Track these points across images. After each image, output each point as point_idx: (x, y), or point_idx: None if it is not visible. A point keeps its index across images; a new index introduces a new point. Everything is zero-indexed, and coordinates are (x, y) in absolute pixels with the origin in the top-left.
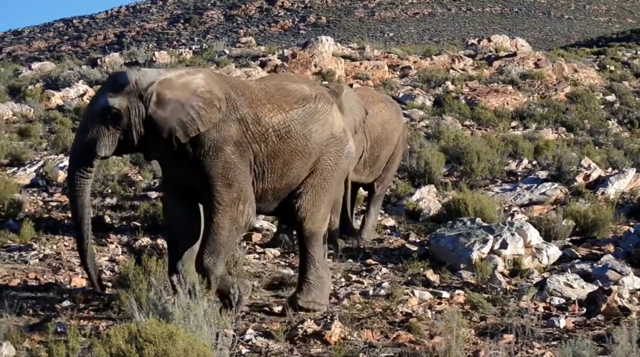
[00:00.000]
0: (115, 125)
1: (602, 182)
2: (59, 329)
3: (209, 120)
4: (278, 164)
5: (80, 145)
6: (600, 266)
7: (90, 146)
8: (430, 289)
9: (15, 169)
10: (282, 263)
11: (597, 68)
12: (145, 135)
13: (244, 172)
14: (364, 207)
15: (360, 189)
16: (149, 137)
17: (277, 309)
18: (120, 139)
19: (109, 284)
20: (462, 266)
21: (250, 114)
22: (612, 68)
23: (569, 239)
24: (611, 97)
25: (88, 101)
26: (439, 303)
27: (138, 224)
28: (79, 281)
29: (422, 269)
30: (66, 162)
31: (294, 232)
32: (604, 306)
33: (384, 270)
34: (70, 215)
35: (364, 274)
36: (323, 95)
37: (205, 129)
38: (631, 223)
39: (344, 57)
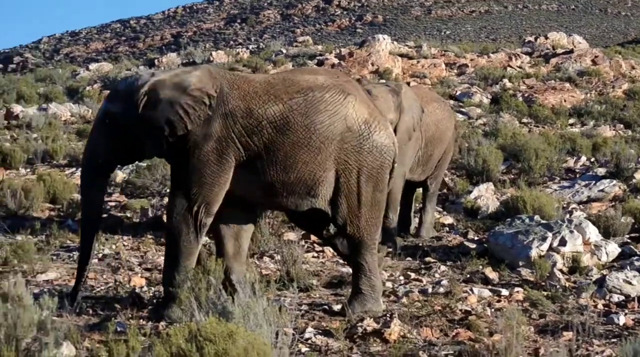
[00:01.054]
0: (114, 131)
1: None
2: (118, 329)
3: (198, 118)
4: (279, 156)
5: (87, 153)
6: None
7: (95, 153)
8: (489, 287)
9: (74, 169)
10: (341, 261)
11: None
12: (141, 138)
13: (216, 172)
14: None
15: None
16: (145, 138)
17: (337, 307)
18: (120, 144)
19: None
20: (520, 263)
21: (240, 107)
22: None
23: (627, 236)
24: None
25: None
26: (498, 301)
27: None
28: (139, 281)
29: (480, 267)
30: None
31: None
32: None
33: (443, 268)
34: (128, 215)
35: (423, 272)
36: (336, 86)
37: (193, 126)
38: None
39: (401, 55)
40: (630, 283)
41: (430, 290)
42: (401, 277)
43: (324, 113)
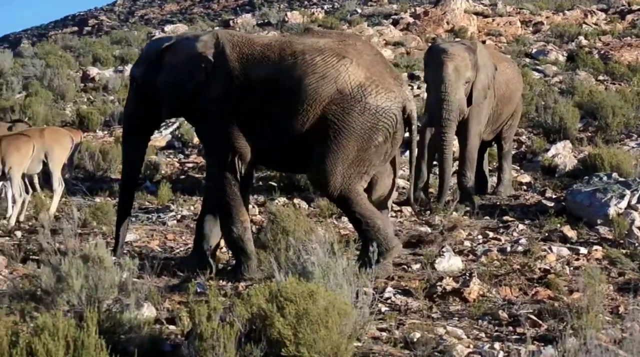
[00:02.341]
0: (138, 92)
1: None
2: (198, 290)
3: (195, 81)
4: (271, 118)
5: (124, 113)
6: None
7: (127, 113)
8: (568, 245)
9: None
10: (419, 221)
11: None
12: (157, 100)
13: (230, 129)
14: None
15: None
16: (160, 101)
17: (415, 266)
18: (143, 105)
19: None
20: (599, 221)
21: (237, 69)
22: None
23: None
24: None
25: None
26: (577, 259)
27: (274, 184)
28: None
29: (559, 225)
30: None
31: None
32: None
33: (521, 226)
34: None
35: (501, 230)
36: (332, 49)
37: (192, 90)
38: None
39: (476, 13)
40: None
41: (508, 249)
42: (479, 236)
43: (311, 76)
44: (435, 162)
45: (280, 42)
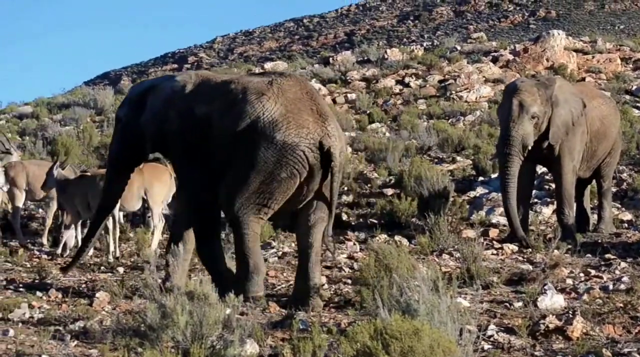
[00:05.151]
0: (123, 131)
1: None
2: (301, 326)
3: (166, 119)
4: (218, 155)
5: (110, 149)
6: None
7: (112, 150)
8: None
9: None
10: (520, 259)
11: None
12: (140, 139)
13: (191, 167)
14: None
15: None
16: (144, 140)
17: (518, 304)
18: (129, 142)
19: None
20: None
21: (187, 107)
22: None
23: None
24: None
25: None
26: None
27: (375, 221)
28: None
29: None
30: None
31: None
32: None
33: (623, 264)
34: None
35: (603, 268)
36: (256, 88)
37: (162, 128)
38: None
39: (576, 50)
40: None
41: (611, 287)
42: (581, 274)
43: (231, 113)
44: (535, 200)
45: (224, 81)
